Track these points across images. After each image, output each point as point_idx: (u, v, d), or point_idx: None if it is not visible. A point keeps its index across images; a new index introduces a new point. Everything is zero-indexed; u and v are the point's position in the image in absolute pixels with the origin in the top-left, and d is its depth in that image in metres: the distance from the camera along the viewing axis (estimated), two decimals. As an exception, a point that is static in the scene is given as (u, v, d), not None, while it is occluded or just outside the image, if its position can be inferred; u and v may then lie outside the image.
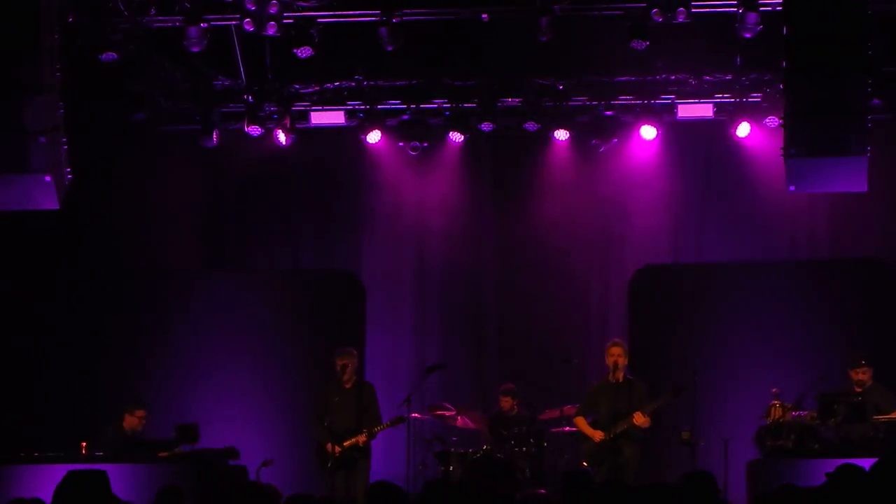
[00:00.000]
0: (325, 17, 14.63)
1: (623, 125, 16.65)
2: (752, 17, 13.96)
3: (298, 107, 16.79)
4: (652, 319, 16.86)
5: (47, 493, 8.06)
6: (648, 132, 16.53)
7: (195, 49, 14.58)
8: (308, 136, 17.00)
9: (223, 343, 16.95)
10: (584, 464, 14.37)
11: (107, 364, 16.75)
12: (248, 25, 14.27)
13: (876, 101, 14.71)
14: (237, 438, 15.06)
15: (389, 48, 14.62)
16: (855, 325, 16.03)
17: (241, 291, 17.24)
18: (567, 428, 15.14)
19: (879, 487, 7.47)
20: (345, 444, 14.59)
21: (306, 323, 17.02)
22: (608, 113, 16.54)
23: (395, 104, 16.79)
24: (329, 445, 14.60)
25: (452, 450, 15.05)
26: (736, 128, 16.41)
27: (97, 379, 16.63)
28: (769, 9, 13.91)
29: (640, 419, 14.11)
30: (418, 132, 16.75)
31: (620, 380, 14.37)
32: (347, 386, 14.80)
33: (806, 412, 13.80)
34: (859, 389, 14.08)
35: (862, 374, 14.23)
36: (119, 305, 16.97)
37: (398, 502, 7.56)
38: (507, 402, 15.68)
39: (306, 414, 15.17)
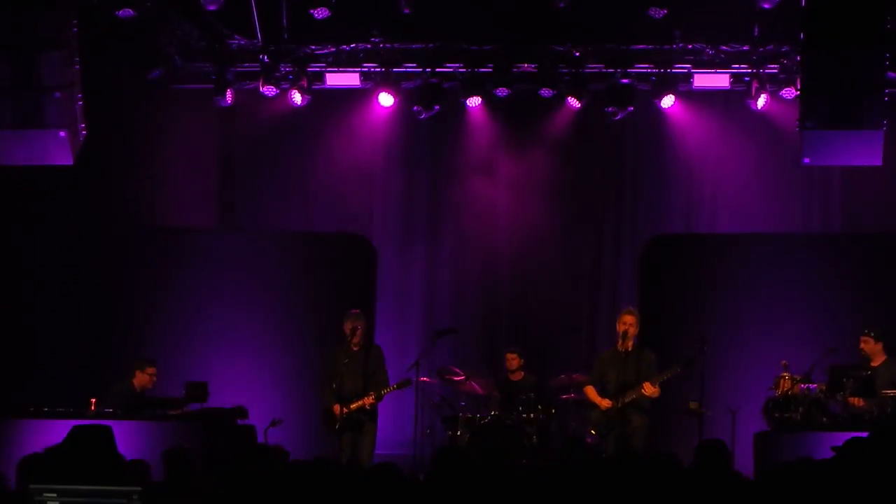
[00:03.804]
0: (343, -23, 14.61)
1: (639, 94, 16.60)
2: (771, -13, 13.92)
3: (314, 68, 16.77)
4: (663, 289, 16.84)
5: (56, 449, 8.12)
6: (667, 101, 16.49)
7: (211, 7, 14.56)
8: (323, 98, 16.99)
9: (234, 302, 16.97)
10: (592, 432, 14.40)
11: (118, 321, 16.79)
12: (265, -15, 14.26)
13: (892, 74, 14.63)
14: (246, 398, 15.12)
15: (406, 11, 14.57)
16: (867, 300, 15.99)
17: (254, 252, 17.24)
18: (575, 395, 15.16)
19: (886, 461, 7.48)
20: (352, 406, 14.61)
21: (317, 285, 17.02)
22: (624, 81, 16.48)
23: (411, 67, 16.75)
24: (336, 407, 14.62)
25: (460, 415, 15.08)
26: (752, 98, 16.36)
27: (109, 336, 16.66)
28: (788, -20, 13.85)
29: (649, 389, 14.10)
30: (433, 96, 16.72)
31: (630, 349, 14.35)
32: (356, 349, 14.81)
33: (815, 385, 13.79)
34: (875, 364, 14.05)
35: (864, 344, 14.20)
36: (131, 263, 16.99)
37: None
38: (513, 362, 15.63)
39: (315, 375, 15.19)
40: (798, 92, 14.37)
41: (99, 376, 15.90)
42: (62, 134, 12.89)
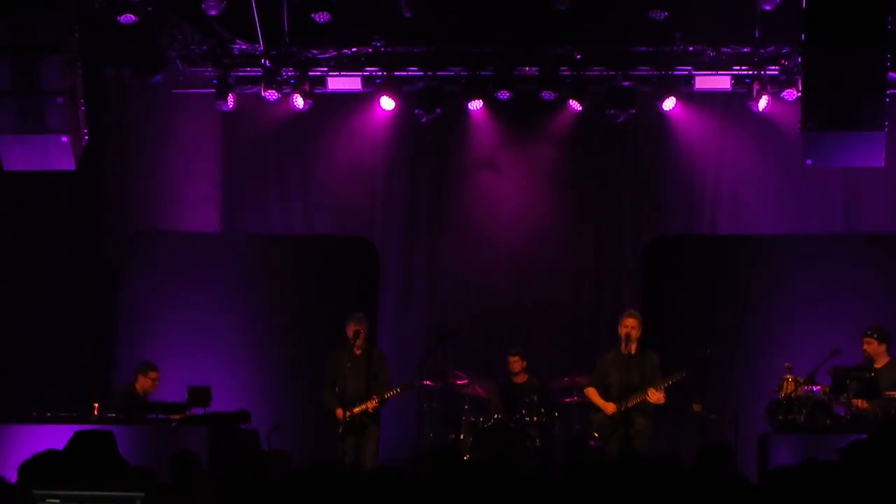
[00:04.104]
0: (344, -19, 14.60)
1: (640, 96, 16.59)
2: (772, -11, 13.90)
3: (315, 72, 16.77)
4: (665, 291, 16.84)
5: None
6: (668, 103, 16.48)
7: (213, 12, 14.57)
8: (325, 102, 16.99)
9: (237, 306, 17.00)
10: (596, 435, 14.39)
11: (121, 325, 16.80)
12: (267, -11, 14.24)
13: (893, 75, 14.63)
14: (249, 402, 15.11)
15: (407, 14, 14.57)
16: (871, 301, 15.99)
17: (256, 255, 17.27)
18: (578, 398, 15.15)
19: (888, 461, 7.47)
20: (355, 409, 14.61)
21: (320, 287, 17.05)
22: (625, 83, 16.48)
23: (412, 71, 16.75)
24: (339, 411, 14.63)
25: (463, 418, 15.07)
26: (753, 100, 16.35)
27: (110, 340, 16.67)
28: (789, -19, 13.84)
29: (654, 395, 14.09)
30: (434, 99, 16.72)
31: (633, 352, 14.34)
32: (358, 352, 14.81)
33: (818, 387, 13.78)
34: (878, 366, 14.04)
35: (867, 345, 14.18)
36: (134, 267, 17.00)
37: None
38: (516, 364, 15.65)
39: (318, 379, 15.19)
40: (799, 93, 14.36)
41: (101, 381, 15.91)
42: (64, 139, 12.90)
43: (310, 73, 16.66)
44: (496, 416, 15.07)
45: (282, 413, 15.87)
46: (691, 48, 16.24)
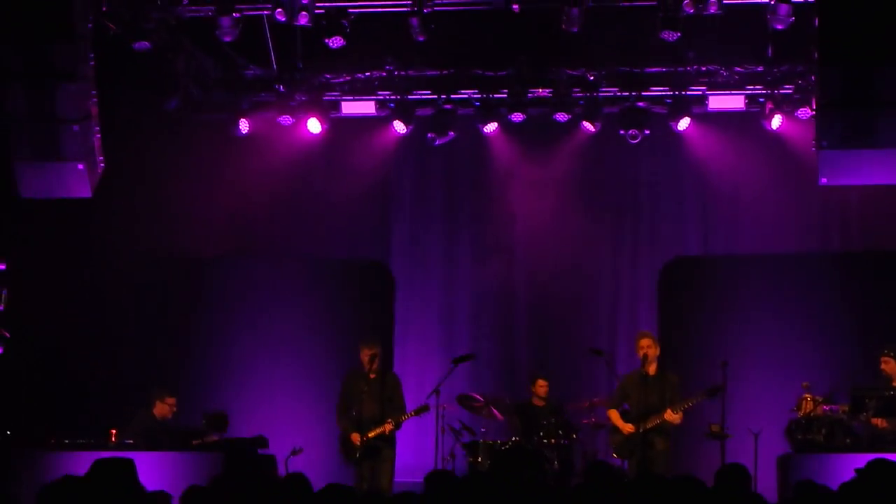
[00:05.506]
0: (357, 7, 14.61)
1: (654, 116, 16.60)
2: (784, 8, 13.86)
3: (329, 96, 16.82)
4: (682, 311, 16.82)
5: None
6: (683, 123, 16.49)
7: (227, 38, 14.62)
8: (339, 125, 17.03)
9: (253, 331, 17.01)
10: (615, 455, 14.36)
11: (138, 351, 16.81)
12: (280, 15, 14.25)
13: (908, 92, 14.60)
14: (265, 427, 15.10)
15: (420, 38, 14.61)
16: (889, 319, 15.92)
17: (271, 280, 17.28)
18: (596, 419, 15.11)
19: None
20: (370, 433, 14.60)
21: (335, 311, 17.05)
22: (639, 104, 16.49)
23: (426, 94, 16.78)
24: (355, 436, 14.61)
25: (481, 440, 15.04)
26: (767, 119, 16.35)
27: (128, 366, 16.68)
28: (801, 0, 13.83)
29: (671, 416, 14.05)
30: (447, 122, 16.75)
31: (653, 372, 14.30)
32: (373, 376, 14.80)
33: (837, 406, 13.73)
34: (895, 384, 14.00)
35: (885, 364, 14.14)
36: (151, 293, 17.03)
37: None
38: (543, 389, 15.52)
39: (334, 403, 15.18)
40: (813, 112, 14.35)
41: (119, 407, 15.91)
42: (80, 166, 12.95)
43: (324, 98, 16.73)
44: (513, 438, 15.04)
45: (299, 438, 15.85)
46: (704, 68, 16.26)
